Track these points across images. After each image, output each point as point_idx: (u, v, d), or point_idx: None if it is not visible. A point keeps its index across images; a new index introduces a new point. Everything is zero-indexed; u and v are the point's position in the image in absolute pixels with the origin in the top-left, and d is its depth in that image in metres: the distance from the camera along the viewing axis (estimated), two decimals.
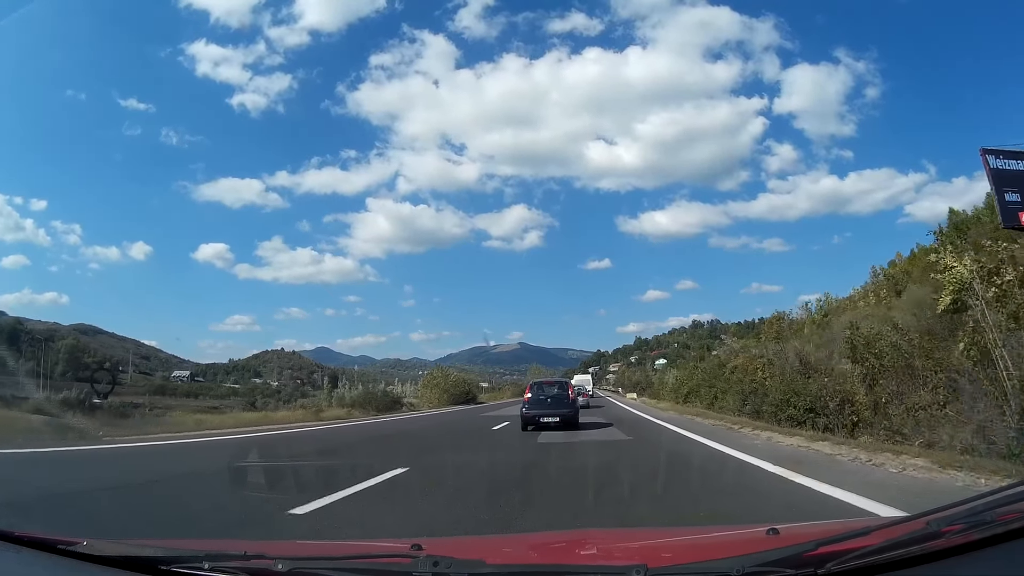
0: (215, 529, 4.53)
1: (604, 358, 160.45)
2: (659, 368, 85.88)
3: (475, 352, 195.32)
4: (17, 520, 4.40)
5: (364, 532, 4.45)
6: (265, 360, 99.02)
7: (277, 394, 52.60)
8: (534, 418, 14.38)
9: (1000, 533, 1.22)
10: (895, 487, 5.51)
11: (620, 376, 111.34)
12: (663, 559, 1.72)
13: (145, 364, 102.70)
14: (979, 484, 5.28)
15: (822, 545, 1.29)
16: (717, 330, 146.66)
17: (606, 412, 24.93)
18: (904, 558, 1.24)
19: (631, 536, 2.90)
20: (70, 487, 6.39)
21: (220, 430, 15.31)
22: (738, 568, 1.24)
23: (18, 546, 1.64)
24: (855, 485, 5.45)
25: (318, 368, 50.21)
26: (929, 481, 5.77)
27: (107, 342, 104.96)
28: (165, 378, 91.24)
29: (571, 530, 4.15)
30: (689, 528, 4.02)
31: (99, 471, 7.92)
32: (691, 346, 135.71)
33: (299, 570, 1.42)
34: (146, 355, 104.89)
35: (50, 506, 5.21)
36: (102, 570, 1.53)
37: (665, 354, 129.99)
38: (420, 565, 1.35)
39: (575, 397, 15.76)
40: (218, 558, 1.50)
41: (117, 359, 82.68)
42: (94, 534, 1.80)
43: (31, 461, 8.87)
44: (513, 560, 1.85)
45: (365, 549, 2.33)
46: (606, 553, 2.01)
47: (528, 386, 16.60)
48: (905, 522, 1.43)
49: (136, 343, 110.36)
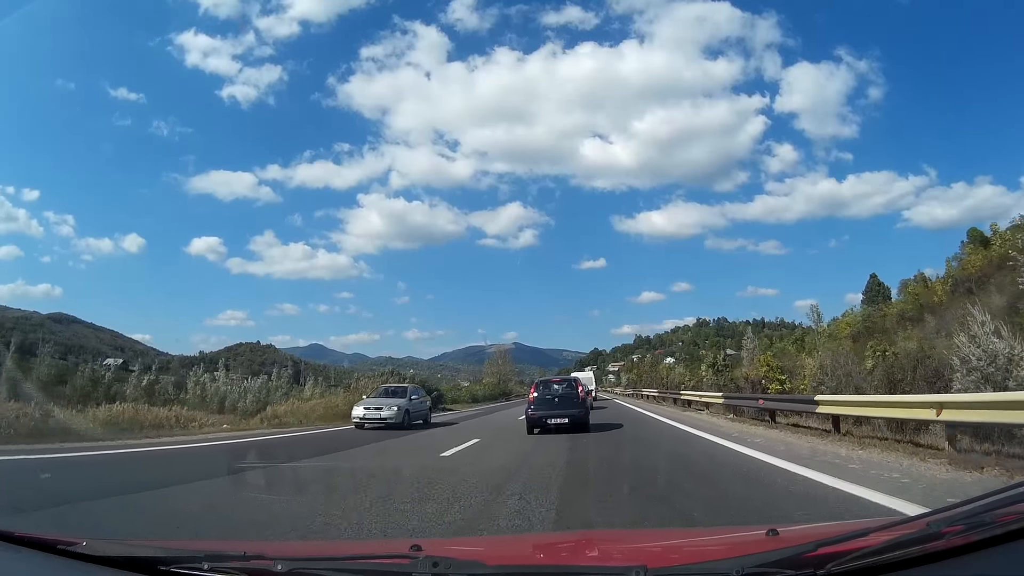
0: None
1: (602, 357, 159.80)
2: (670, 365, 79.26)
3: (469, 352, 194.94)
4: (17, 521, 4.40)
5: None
6: (238, 353, 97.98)
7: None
8: (540, 420, 13.14)
9: (1000, 534, 1.22)
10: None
11: (639, 371, 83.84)
12: (663, 560, 1.72)
13: (119, 356, 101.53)
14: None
15: (822, 546, 1.29)
16: (724, 329, 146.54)
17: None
18: (904, 559, 1.24)
19: (631, 537, 2.91)
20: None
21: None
22: (738, 569, 1.25)
23: (18, 546, 1.64)
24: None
25: (291, 362, 49.02)
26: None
27: (81, 332, 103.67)
28: (94, 370, 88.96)
29: (571, 530, 4.16)
30: (689, 529, 4.03)
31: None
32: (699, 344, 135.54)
33: (298, 570, 1.42)
34: (121, 346, 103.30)
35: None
36: (102, 570, 1.53)
37: (672, 352, 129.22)
38: (420, 566, 1.35)
39: (585, 396, 14.45)
40: (218, 558, 1.50)
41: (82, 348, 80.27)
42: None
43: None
44: (513, 561, 1.85)
45: (365, 549, 2.34)
46: (606, 554, 2.01)
47: (533, 385, 15.43)
48: (905, 523, 1.43)
49: (114, 334, 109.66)
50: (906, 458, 7.39)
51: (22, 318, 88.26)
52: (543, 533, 4.16)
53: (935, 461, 6.99)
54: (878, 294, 57.95)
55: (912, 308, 39.46)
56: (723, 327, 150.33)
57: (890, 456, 7.62)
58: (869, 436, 10.60)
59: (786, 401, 15.53)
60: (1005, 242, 37.90)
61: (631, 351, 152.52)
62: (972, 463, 6.66)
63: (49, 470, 8.33)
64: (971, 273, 37.32)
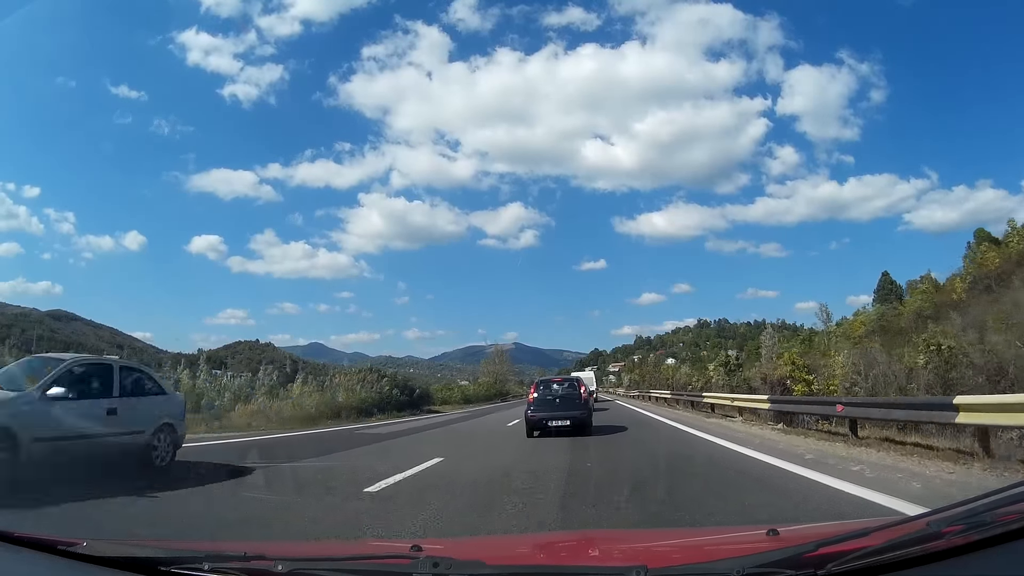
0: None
1: (603, 357, 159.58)
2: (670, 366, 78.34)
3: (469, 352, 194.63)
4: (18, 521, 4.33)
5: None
6: (237, 351, 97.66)
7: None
8: (541, 422, 12.33)
9: (1000, 533, 1.22)
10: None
11: (641, 371, 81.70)
12: (663, 560, 1.72)
13: (119, 354, 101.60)
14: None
15: (822, 546, 1.29)
16: (725, 330, 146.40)
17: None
18: (904, 559, 1.24)
19: (631, 537, 2.91)
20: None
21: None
22: (738, 569, 1.24)
23: (18, 546, 1.64)
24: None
25: (290, 361, 48.88)
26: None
27: (80, 329, 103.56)
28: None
29: (572, 531, 4.16)
30: (689, 529, 4.03)
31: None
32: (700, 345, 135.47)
33: (299, 571, 1.42)
34: (120, 344, 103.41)
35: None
36: (102, 571, 1.53)
37: (673, 353, 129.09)
38: (420, 566, 1.35)
39: (588, 397, 13.72)
40: (218, 559, 1.50)
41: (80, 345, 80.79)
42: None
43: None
44: (513, 561, 1.85)
45: (365, 550, 2.34)
46: (606, 554, 2.01)
47: (533, 384, 14.56)
48: (905, 523, 1.43)
49: (113, 331, 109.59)
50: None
51: (21, 315, 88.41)
52: (543, 533, 4.16)
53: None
54: (890, 293, 57.23)
55: (929, 306, 39.22)
56: (724, 328, 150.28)
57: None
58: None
59: (890, 407, 10.13)
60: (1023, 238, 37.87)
61: (631, 352, 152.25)
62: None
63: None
64: (990, 270, 37.26)
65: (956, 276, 43.95)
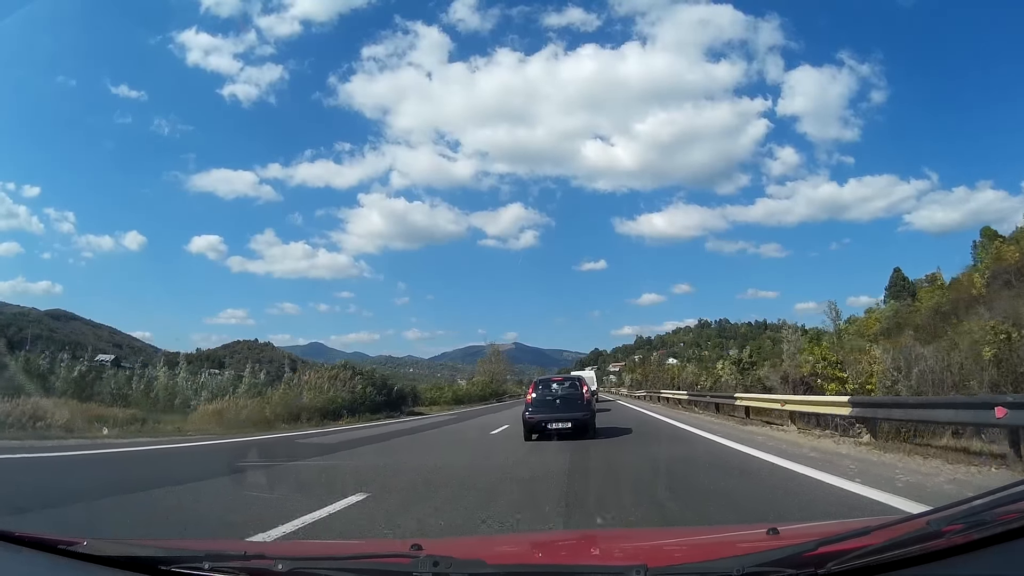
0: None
1: (603, 357, 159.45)
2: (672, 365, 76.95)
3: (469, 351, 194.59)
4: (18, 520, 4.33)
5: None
6: (234, 350, 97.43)
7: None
8: (539, 424, 11.57)
9: (1000, 533, 1.22)
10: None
11: (645, 370, 78.30)
12: (663, 559, 1.72)
13: (118, 352, 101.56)
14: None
15: (822, 545, 1.28)
16: (726, 330, 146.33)
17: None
18: (904, 558, 1.24)
19: (631, 536, 2.91)
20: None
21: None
22: (738, 568, 1.24)
23: (18, 546, 1.64)
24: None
25: (289, 360, 48.68)
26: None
27: (79, 328, 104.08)
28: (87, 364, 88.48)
29: (572, 530, 4.16)
30: (689, 528, 4.03)
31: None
32: (701, 344, 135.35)
33: (299, 570, 1.42)
34: (119, 343, 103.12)
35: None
36: (102, 570, 1.53)
37: (674, 353, 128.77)
38: (420, 565, 1.35)
39: (590, 397, 12.89)
40: (218, 558, 1.50)
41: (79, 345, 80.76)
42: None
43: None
44: (513, 560, 1.85)
45: (365, 549, 2.34)
46: (606, 553, 2.01)
47: (532, 384, 13.67)
48: (905, 521, 1.43)
49: (112, 331, 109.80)
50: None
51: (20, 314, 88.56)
52: (543, 532, 4.16)
53: None
54: (903, 289, 56.58)
55: (946, 302, 38.91)
56: (725, 328, 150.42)
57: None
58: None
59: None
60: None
61: (632, 352, 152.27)
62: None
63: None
64: (1009, 265, 37.29)
65: (973, 271, 43.48)
